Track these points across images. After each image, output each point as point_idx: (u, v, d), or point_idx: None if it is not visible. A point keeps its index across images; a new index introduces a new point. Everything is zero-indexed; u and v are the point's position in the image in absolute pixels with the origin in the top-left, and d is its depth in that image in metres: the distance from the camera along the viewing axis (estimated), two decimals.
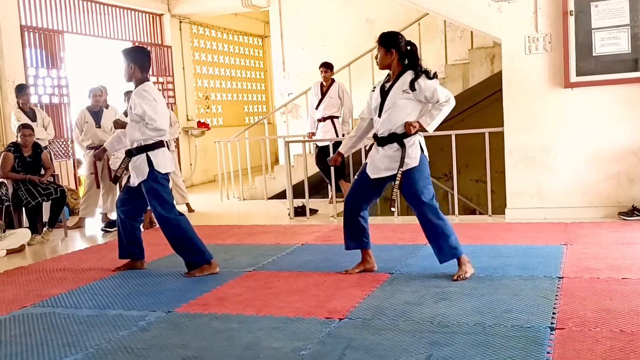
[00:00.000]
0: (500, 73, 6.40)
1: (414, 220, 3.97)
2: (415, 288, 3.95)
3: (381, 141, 4.14)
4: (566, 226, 5.63)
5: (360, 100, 8.87)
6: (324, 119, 7.94)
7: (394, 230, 6.00)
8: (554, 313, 3.32)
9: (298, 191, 7.55)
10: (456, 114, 9.81)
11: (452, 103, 4.07)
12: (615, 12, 5.72)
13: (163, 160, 4.63)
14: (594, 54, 5.84)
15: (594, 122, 5.94)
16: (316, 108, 8.00)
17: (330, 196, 7.83)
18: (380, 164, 4.15)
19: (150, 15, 11.01)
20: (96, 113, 7.35)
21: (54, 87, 8.98)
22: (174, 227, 4.60)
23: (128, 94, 7.75)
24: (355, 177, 4.36)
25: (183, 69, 11.58)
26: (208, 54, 12.66)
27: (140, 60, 4.60)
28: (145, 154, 4.57)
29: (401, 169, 4.04)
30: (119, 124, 5.05)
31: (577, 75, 5.89)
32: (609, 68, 5.82)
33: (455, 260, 4.13)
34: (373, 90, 4.26)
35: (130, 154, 4.66)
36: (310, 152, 8.52)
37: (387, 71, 4.18)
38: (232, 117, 13.29)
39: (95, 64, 9.99)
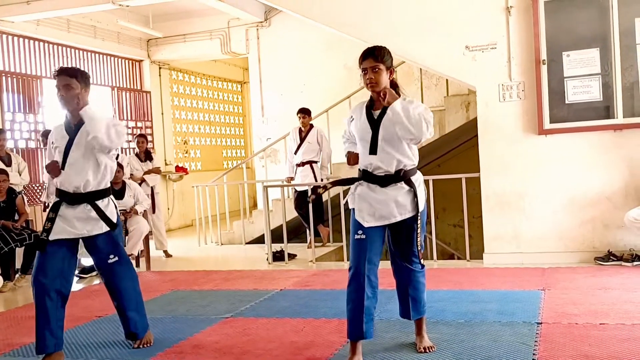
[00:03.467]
0: (475, 120, 6.51)
1: (388, 264, 3.87)
2: (394, 335, 3.91)
3: (383, 180, 3.40)
4: (543, 271, 5.66)
5: (339, 146, 8.99)
6: (302, 164, 7.99)
7: None
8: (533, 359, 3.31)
9: (276, 236, 7.51)
10: (433, 159, 9.95)
11: (432, 130, 3.43)
12: (586, 62, 5.88)
13: None
14: (566, 102, 5.97)
15: (568, 168, 6.05)
16: (295, 153, 8.06)
17: (309, 241, 7.80)
18: (385, 207, 3.37)
19: (130, 62, 11.09)
20: None
21: (31, 131, 8.94)
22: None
23: (46, 133, 7.60)
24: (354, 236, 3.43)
25: (162, 114, 11.63)
26: (187, 99, 12.73)
27: (89, 85, 3.90)
28: (110, 197, 3.84)
29: (418, 211, 3.39)
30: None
31: (550, 123, 6.01)
32: (582, 115, 5.94)
33: (424, 315, 3.69)
34: (352, 120, 3.51)
35: (91, 198, 3.73)
36: (288, 197, 8.52)
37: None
38: (211, 161, 13.30)
39: None
